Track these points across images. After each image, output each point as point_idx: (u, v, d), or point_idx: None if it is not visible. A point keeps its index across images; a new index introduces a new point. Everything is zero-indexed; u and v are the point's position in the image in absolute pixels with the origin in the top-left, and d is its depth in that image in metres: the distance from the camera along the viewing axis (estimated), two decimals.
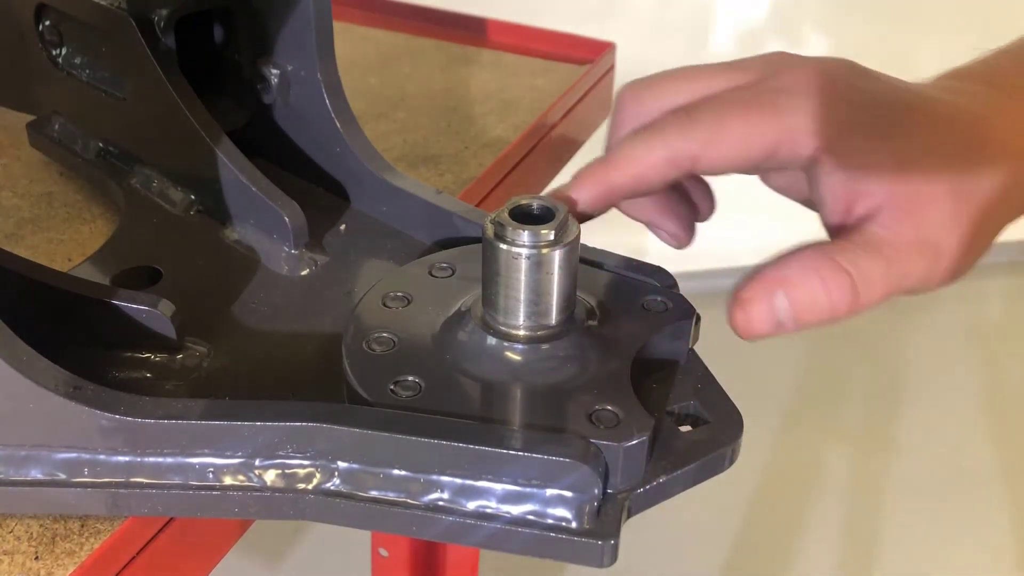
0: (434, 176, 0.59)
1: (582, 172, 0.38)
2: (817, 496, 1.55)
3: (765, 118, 0.36)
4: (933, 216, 0.36)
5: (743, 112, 0.36)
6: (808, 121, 0.36)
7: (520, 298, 0.37)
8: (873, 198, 0.36)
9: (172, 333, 0.39)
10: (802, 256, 0.36)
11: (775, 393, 1.71)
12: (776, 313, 0.35)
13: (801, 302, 0.35)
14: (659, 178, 0.37)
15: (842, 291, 0.35)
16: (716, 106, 0.37)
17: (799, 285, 0.35)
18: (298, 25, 0.48)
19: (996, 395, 1.75)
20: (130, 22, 0.48)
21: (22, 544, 0.34)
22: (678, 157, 0.36)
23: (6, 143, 0.60)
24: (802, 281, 0.35)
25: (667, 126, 0.37)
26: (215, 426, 0.33)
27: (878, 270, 0.35)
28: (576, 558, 0.33)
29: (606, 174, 0.37)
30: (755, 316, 0.35)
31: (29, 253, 0.49)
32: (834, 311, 0.35)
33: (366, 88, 0.69)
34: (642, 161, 0.37)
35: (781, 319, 0.35)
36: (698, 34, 1.77)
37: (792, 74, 0.38)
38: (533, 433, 0.34)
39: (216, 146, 0.47)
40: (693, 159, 0.36)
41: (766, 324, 0.35)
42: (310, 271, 0.46)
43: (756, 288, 0.35)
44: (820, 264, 0.35)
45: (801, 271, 0.35)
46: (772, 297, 0.35)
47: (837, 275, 0.35)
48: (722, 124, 0.36)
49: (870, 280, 0.35)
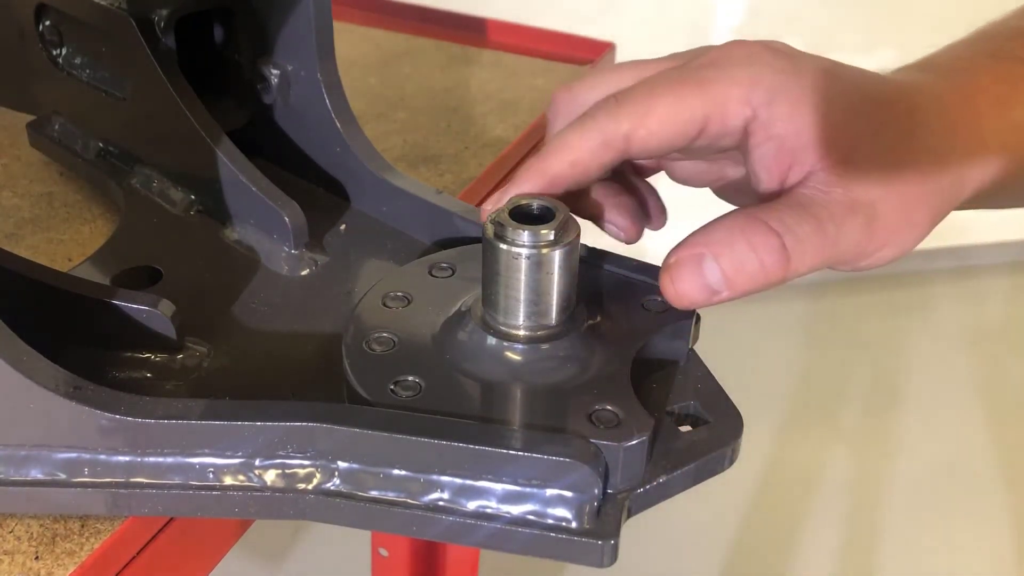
0: (434, 176, 0.59)
1: (520, 168, 0.38)
2: (817, 496, 1.55)
3: (693, 91, 0.36)
4: (867, 178, 0.35)
5: (671, 88, 0.36)
6: (735, 91, 0.36)
7: (520, 298, 0.37)
8: (804, 164, 0.35)
9: (172, 333, 0.39)
10: (728, 219, 0.35)
11: (775, 393, 1.71)
12: (706, 278, 0.34)
13: (730, 265, 0.34)
14: (595, 162, 0.37)
15: (772, 252, 0.34)
16: (645, 87, 0.37)
17: (726, 246, 0.34)
18: (298, 25, 0.48)
19: (996, 395, 1.75)
20: (130, 22, 0.48)
21: (22, 544, 0.34)
22: (610, 138, 0.36)
23: (6, 143, 0.60)
24: (729, 242, 0.34)
25: (597, 111, 0.37)
26: (215, 426, 0.33)
27: (808, 229, 0.34)
28: (576, 558, 0.33)
29: (543, 164, 0.37)
30: (685, 282, 0.35)
31: (29, 253, 0.49)
32: (767, 274, 0.34)
33: (366, 88, 0.69)
34: (575, 147, 0.37)
35: (713, 284, 0.34)
36: (698, 34, 1.77)
37: (719, 51, 0.38)
38: (533, 433, 0.34)
39: (216, 146, 0.47)
40: (625, 138, 0.36)
41: (698, 290, 0.34)
42: (310, 271, 0.46)
43: (682, 252, 0.35)
44: (747, 225, 0.34)
45: (727, 233, 0.34)
46: (700, 260, 0.34)
47: (765, 236, 0.34)
48: (651, 102, 0.36)
49: (800, 240, 0.34)
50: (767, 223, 0.34)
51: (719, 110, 0.36)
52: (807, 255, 0.34)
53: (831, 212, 0.35)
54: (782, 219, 0.34)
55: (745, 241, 0.34)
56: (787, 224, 0.34)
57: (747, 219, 0.34)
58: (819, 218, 0.35)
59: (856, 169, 0.35)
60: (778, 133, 0.36)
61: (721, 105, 0.36)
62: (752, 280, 0.34)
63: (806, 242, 0.34)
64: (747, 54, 0.37)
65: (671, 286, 0.35)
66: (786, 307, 1.85)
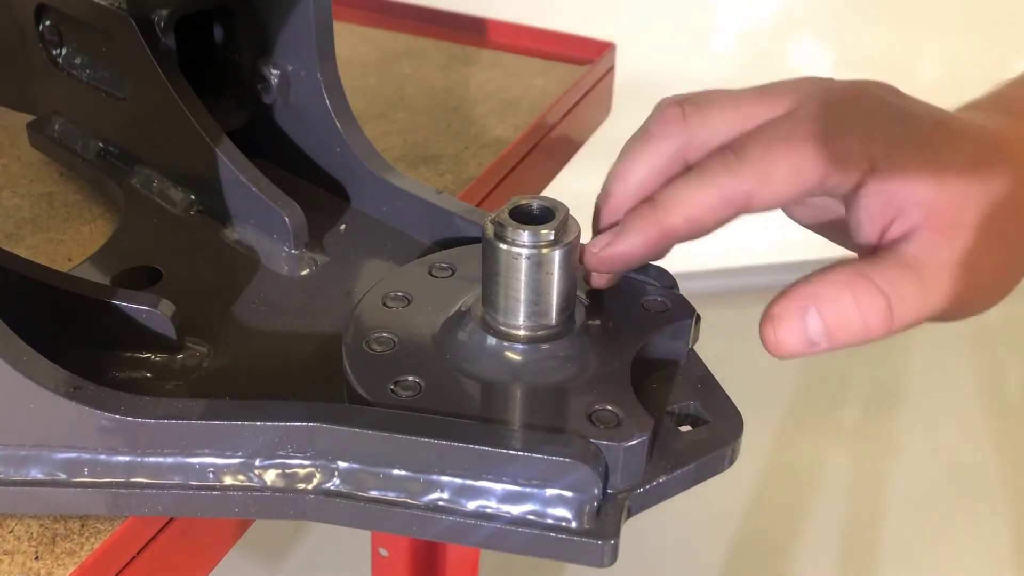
0: (434, 176, 0.59)
1: (632, 217, 0.37)
2: (817, 496, 1.55)
3: (814, 148, 0.35)
4: (973, 242, 0.35)
5: (791, 145, 0.35)
6: (856, 145, 0.35)
7: (520, 298, 0.37)
8: (910, 219, 0.35)
9: (172, 333, 0.39)
10: (835, 273, 0.34)
11: (775, 393, 1.71)
12: (808, 331, 0.34)
13: (834, 320, 0.34)
14: (714, 219, 0.36)
15: (876, 310, 0.34)
16: (763, 141, 0.36)
17: (831, 302, 0.34)
18: (298, 25, 0.48)
19: (996, 395, 1.75)
20: (130, 22, 0.48)
21: (22, 544, 0.34)
22: (732, 197, 0.35)
23: (6, 143, 0.60)
24: (835, 298, 0.34)
25: (715, 166, 0.36)
26: (215, 426, 0.33)
27: (913, 290, 0.34)
28: (576, 558, 0.33)
29: (659, 219, 0.36)
30: (785, 333, 0.34)
31: (29, 253, 0.49)
32: (868, 331, 0.34)
33: (366, 88, 0.69)
34: (696, 204, 0.36)
35: (813, 337, 0.34)
36: (698, 34, 1.77)
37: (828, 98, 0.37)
38: (533, 433, 0.34)
39: (216, 146, 0.47)
40: (747, 198, 0.35)
41: (798, 342, 0.34)
42: (310, 271, 0.46)
43: (786, 304, 0.34)
44: (854, 281, 0.34)
45: (834, 288, 0.34)
46: (804, 313, 0.34)
47: (871, 294, 0.34)
48: (772, 160, 0.35)
49: (905, 300, 0.34)
50: (875, 282, 0.34)
51: (839, 166, 0.35)
52: (909, 315, 0.34)
53: (935, 273, 0.34)
54: (889, 279, 0.34)
55: (852, 298, 0.34)
56: (894, 284, 0.34)
57: (855, 275, 0.34)
58: (924, 280, 0.34)
59: (962, 231, 0.35)
60: (889, 187, 0.35)
61: (842, 161, 0.35)
62: (852, 336, 0.34)
63: (910, 303, 0.34)
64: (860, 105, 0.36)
65: (772, 335, 0.35)
66: None
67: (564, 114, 0.69)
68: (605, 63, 0.75)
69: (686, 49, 1.77)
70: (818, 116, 0.36)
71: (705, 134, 0.38)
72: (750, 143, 0.36)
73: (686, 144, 0.38)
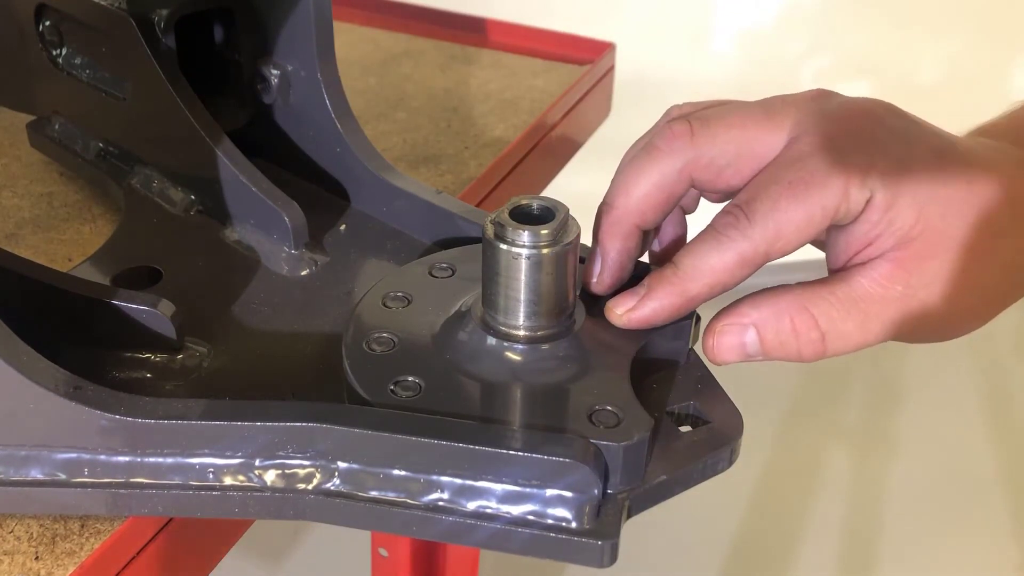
0: (434, 176, 0.59)
1: (656, 282, 0.38)
2: (817, 496, 1.55)
3: (818, 196, 0.36)
4: (939, 282, 0.36)
5: (796, 197, 0.36)
6: (856, 180, 0.36)
7: (520, 298, 0.37)
8: (880, 247, 0.36)
9: (172, 333, 0.39)
10: (779, 298, 0.37)
11: (775, 393, 1.71)
12: (746, 347, 0.37)
13: (771, 342, 0.37)
14: (733, 281, 0.37)
15: (811, 344, 0.37)
16: (770, 196, 0.36)
17: (771, 326, 0.37)
18: (298, 25, 0.48)
19: (996, 395, 1.75)
20: (130, 22, 0.48)
21: (22, 544, 0.34)
22: (748, 258, 0.37)
23: (6, 143, 0.60)
24: (775, 323, 0.37)
25: (728, 229, 0.37)
26: (215, 426, 0.33)
27: (852, 327, 0.36)
28: (576, 558, 0.33)
29: (683, 288, 0.37)
30: (725, 346, 0.37)
31: (29, 253, 0.49)
32: (800, 356, 0.37)
33: (366, 88, 0.69)
34: (717, 270, 0.37)
35: (749, 350, 0.37)
36: (698, 34, 1.77)
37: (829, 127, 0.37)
38: (533, 433, 0.34)
39: (216, 146, 0.47)
40: (763, 256, 0.37)
41: (734, 355, 0.37)
42: (310, 271, 0.46)
43: (730, 323, 0.37)
44: (795, 312, 0.36)
45: (775, 313, 0.37)
46: (743, 332, 0.37)
47: (809, 329, 0.36)
48: (780, 216, 0.36)
49: (842, 336, 0.37)
50: (815, 317, 0.36)
51: (844, 204, 0.36)
52: (843, 348, 0.37)
53: (881, 310, 0.36)
54: (830, 315, 0.36)
55: (790, 326, 0.37)
56: (833, 321, 0.36)
57: (797, 307, 0.37)
58: (867, 316, 0.36)
59: (930, 271, 0.36)
60: (872, 218, 0.36)
61: (844, 198, 0.36)
62: (785, 356, 0.37)
63: (847, 339, 0.37)
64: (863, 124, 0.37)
65: (712, 346, 0.38)
66: None
67: (564, 114, 0.69)
68: (605, 63, 0.75)
69: (686, 49, 1.77)
70: (821, 150, 0.37)
71: (711, 153, 0.38)
72: (757, 200, 0.37)
73: (692, 162, 0.38)
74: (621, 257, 0.40)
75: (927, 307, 0.36)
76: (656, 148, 0.39)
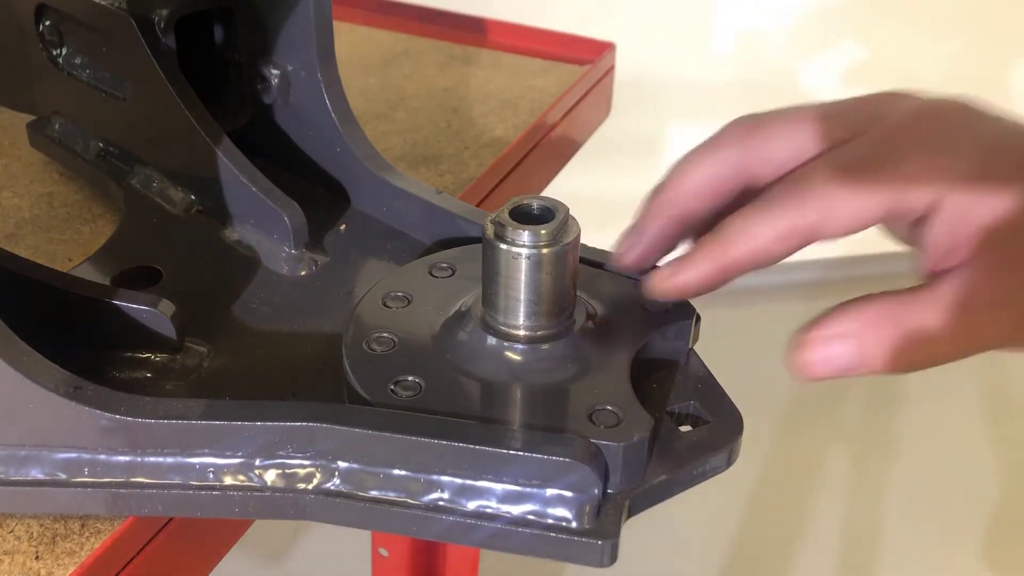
0: (434, 176, 0.59)
1: (697, 249, 0.37)
2: (817, 496, 1.55)
3: (877, 180, 0.35)
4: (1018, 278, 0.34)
5: (854, 177, 0.35)
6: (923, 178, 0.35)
7: (520, 298, 0.37)
8: (965, 250, 0.35)
9: (172, 333, 0.39)
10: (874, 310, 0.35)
11: (775, 393, 1.71)
12: (835, 364, 0.35)
13: (862, 357, 0.34)
14: (778, 252, 0.36)
15: (907, 354, 0.34)
16: (826, 172, 0.35)
17: (864, 341, 0.34)
18: (298, 25, 0.48)
19: (996, 395, 1.75)
20: (130, 22, 0.48)
21: (22, 544, 0.34)
22: (795, 230, 0.35)
23: (6, 143, 0.60)
24: (868, 337, 0.34)
25: (778, 198, 0.36)
26: (215, 426, 0.33)
27: (947, 334, 0.34)
28: (576, 558, 0.33)
29: (724, 251, 0.36)
30: (815, 362, 0.35)
31: (29, 253, 0.49)
32: (895, 368, 0.35)
33: (366, 88, 0.69)
34: (760, 236, 0.36)
35: (840, 369, 0.35)
36: (698, 34, 1.77)
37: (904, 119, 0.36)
38: (533, 433, 0.34)
39: (216, 146, 0.47)
40: (810, 231, 0.35)
41: (824, 372, 0.35)
42: (310, 271, 0.46)
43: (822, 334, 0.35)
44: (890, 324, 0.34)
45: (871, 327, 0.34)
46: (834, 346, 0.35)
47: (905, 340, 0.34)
48: (834, 193, 0.35)
49: (936, 343, 0.34)
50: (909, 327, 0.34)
51: (905, 200, 0.35)
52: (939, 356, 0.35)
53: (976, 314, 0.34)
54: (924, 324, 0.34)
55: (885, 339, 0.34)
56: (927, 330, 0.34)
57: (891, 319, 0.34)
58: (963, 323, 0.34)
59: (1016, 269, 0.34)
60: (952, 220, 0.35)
61: (906, 194, 0.35)
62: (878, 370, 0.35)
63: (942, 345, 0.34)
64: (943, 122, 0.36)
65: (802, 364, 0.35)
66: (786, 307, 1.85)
67: (564, 114, 0.69)
68: (605, 63, 0.75)
69: (686, 49, 1.77)
70: (888, 140, 0.36)
71: (771, 147, 0.38)
72: (814, 174, 0.36)
73: (749, 156, 0.38)
74: (657, 238, 0.39)
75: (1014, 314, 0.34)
76: (715, 140, 0.39)
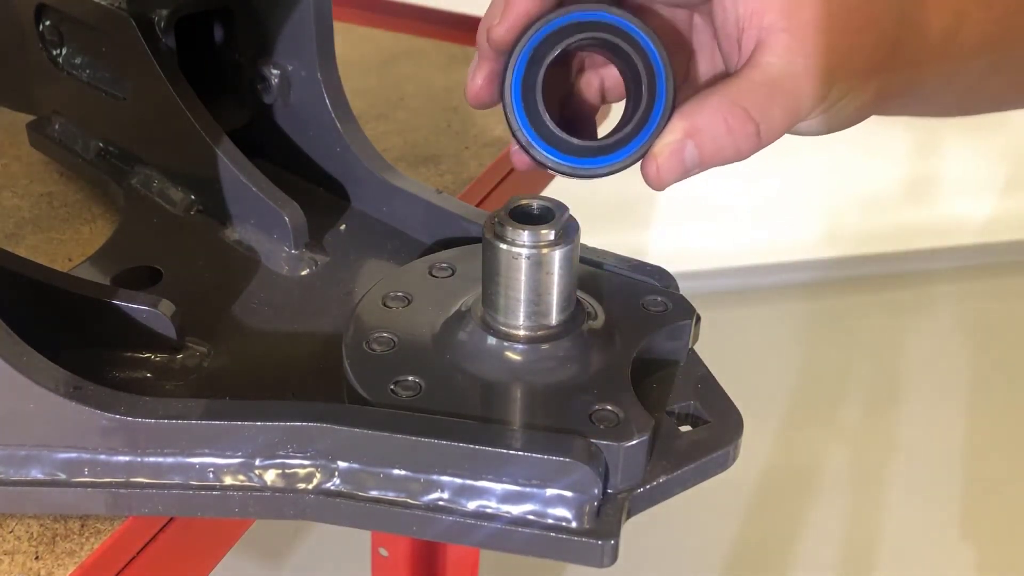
0: (434, 176, 0.59)
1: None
2: (817, 495, 1.55)
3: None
4: (827, 46, 0.36)
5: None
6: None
7: (520, 298, 0.37)
8: (766, 17, 0.36)
9: (172, 333, 0.39)
10: (709, 102, 0.36)
11: (775, 393, 1.71)
12: (685, 163, 0.37)
13: (709, 150, 0.36)
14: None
15: (748, 137, 0.36)
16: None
17: (707, 134, 0.36)
18: (298, 25, 0.48)
19: (996, 394, 1.75)
20: (130, 22, 0.48)
21: (22, 544, 0.34)
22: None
23: (6, 143, 0.60)
24: (710, 129, 0.36)
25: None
26: (215, 426, 0.33)
27: (779, 111, 0.36)
28: (576, 558, 0.33)
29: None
30: (666, 169, 0.37)
31: (29, 253, 0.49)
32: (739, 155, 0.37)
33: (366, 88, 0.69)
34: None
35: (688, 165, 0.37)
36: None
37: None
38: (533, 433, 0.34)
39: (216, 146, 0.47)
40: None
41: (676, 174, 0.37)
42: (310, 271, 0.46)
43: (667, 143, 0.36)
44: (728, 113, 0.36)
45: (710, 120, 0.36)
46: (683, 147, 0.36)
47: (744, 123, 0.36)
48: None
49: (773, 121, 0.36)
50: (747, 111, 0.36)
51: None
52: (776, 134, 0.37)
53: (796, 83, 0.36)
54: (760, 105, 0.36)
55: (726, 128, 0.36)
56: (763, 109, 0.36)
57: (730, 106, 0.36)
58: (787, 93, 0.36)
59: (817, 35, 0.36)
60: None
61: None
62: (724, 160, 0.37)
63: (777, 123, 0.36)
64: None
65: (655, 171, 0.37)
66: (786, 307, 1.85)
67: None
68: None
69: None
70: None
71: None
72: None
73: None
74: (524, 5, 0.38)
75: (832, 74, 0.36)
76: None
